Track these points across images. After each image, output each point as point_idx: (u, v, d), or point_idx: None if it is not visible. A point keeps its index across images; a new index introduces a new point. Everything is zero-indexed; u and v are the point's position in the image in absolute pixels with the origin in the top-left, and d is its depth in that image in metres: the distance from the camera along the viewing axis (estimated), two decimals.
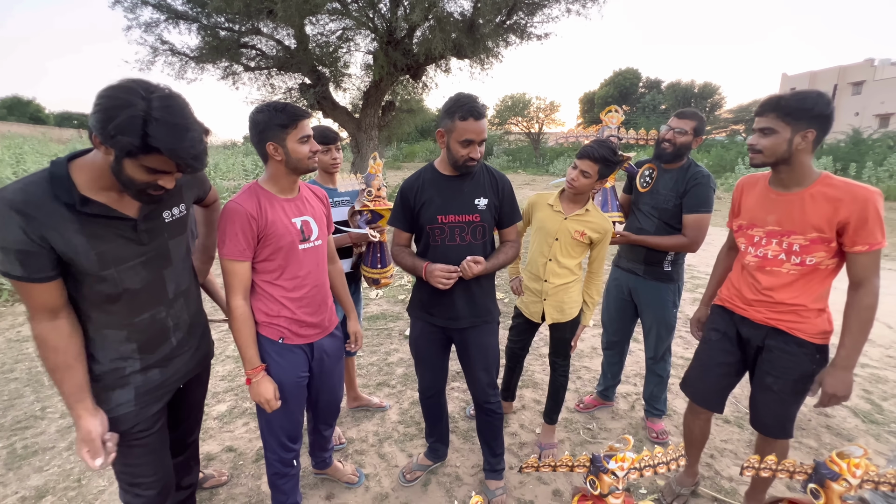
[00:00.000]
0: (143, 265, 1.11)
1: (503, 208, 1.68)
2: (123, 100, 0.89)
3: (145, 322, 1.15)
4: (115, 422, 1.13)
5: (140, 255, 1.10)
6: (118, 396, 1.14)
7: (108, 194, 1.02)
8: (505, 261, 1.67)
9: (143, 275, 1.11)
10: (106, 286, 1.06)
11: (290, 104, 1.32)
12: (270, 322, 1.42)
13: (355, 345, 1.78)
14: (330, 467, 1.95)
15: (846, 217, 1.32)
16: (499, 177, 1.69)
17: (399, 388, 2.81)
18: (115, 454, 1.11)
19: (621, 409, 2.58)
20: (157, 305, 1.17)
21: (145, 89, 0.91)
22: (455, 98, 1.51)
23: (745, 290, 1.58)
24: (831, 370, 1.42)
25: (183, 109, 0.94)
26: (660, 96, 38.54)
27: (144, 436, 1.19)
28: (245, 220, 1.30)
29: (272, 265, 1.39)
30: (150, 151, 0.92)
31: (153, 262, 1.14)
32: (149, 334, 1.16)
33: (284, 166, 1.36)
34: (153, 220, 1.12)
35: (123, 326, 1.12)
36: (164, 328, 1.20)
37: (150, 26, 8.89)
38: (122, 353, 1.13)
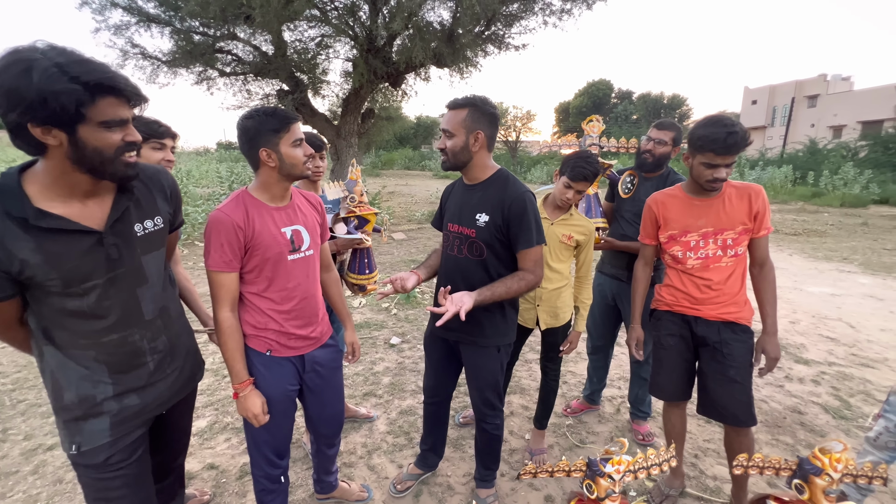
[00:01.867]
0: (111, 283, 1.02)
1: (510, 230, 1.49)
2: (23, 63, 0.79)
3: (114, 343, 1.06)
4: (89, 454, 1.05)
5: (108, 272, 1.01)
6: (91, 427, 1.05)
7: (67, 205, 0.94)
8: (502, 293, 1.45)
9: (112, 294, 1.03)
10: (70, 304, 0.98)
11: (279, 108, 1.29)
12: (258, 334, 1.38)
13: (352, 356, 1.73)
14: (336, 489, 1.87)
15: (757, 208, 1.62)
16: (511, 193, 1.49)
17: (386, 397, 2.78)
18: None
19: (607, 412, 2.62)
20: (130, 328, 1.08)
21: (28, 49, 0.82)
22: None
23: (693, 291, 1.72)
24: (768, 338, 1.67)
25: (80, 52, 0.87)
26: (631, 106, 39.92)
27: (122, 466, 1.10)
28: (231, 231, 1.26)
29: (259, 277, 1.35)
30: (94, 95, 0.84)
31: (124, 280, 1.05)
32: (119, 356, 1.07)
33: (278, 173, 1.32)
34: (122, 233, 1.03)
35: (90, 346, 1.03)
36: (136, 351, 1.10)
37: (120, 29, 8.61)
38: (91, 375, 1.04)
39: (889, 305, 4.56)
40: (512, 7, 8.20)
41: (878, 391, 2.86)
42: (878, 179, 15.32)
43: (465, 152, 1.52)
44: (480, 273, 1.57)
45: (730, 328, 1.68)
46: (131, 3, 8.20)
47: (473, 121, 1.49)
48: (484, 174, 1.59)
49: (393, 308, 4.38)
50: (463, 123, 1.49)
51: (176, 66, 9.43)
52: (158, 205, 1.16)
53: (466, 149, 1.52)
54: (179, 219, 1.27)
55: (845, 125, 28.19)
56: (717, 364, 1.68)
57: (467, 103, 1.49)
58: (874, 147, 18.86)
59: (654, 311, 1.89)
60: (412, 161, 31.30)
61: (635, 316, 1.92)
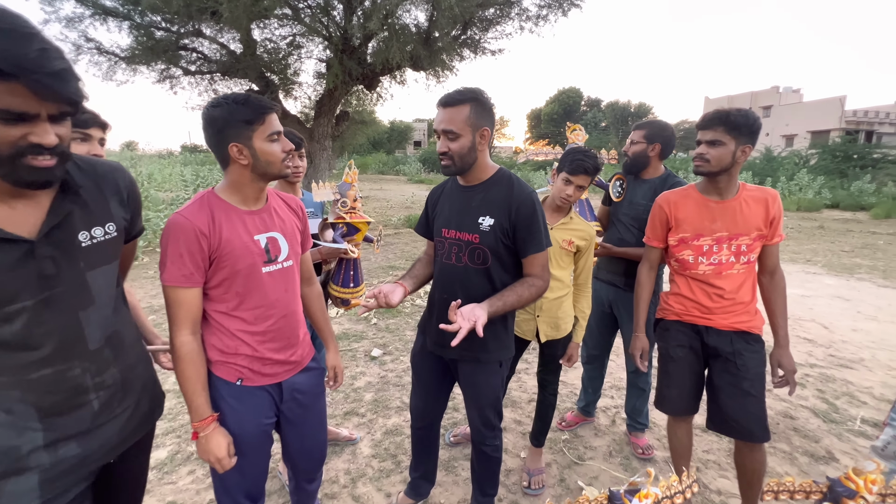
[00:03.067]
0: (45, 306, 0.83)
1: (518, 233, 1.38)
2: None
3: (47, 379, 0.85)
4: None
5: (41, 292, 0.82)
6: (14, 488, 0.83)
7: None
8: (513, 302, 1.34)
9: (46, 319, 0.84)
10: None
11: (252, 95, 1.10)
12: (226, 360, 1.17)
13: (334, 382, 1.53)
14: None
15: (773, 214, 1.54)
16: (518, 194, 1.38)
17: (369, 416, 2.58)
18: None
19: (602, 424, 2.52)
20: (69, 360, 0.88)
21: None
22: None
23: (703, 300, 1.64)
24: (782, 351, 1.59)
25: (14, 16, 0.69)
26: (600, 114, 41.13)
27: None
28: (192, 238, 1.06)
29: (228, 293, 1.15)
30: None
31: (63, 301, 0.86)
32: (54, 395, 0.87)
33: (251, 171, 1.13)
34: (61, 243, 0.85)
35: (14, 384, 0.83)
36: (77, 388, 0.90)
37: (73, 21, 8.03)
38: (15, 421, 0.83)
39: (856, 305, 4.73)
40: (489, 12, 8.19)
41: (860, 392, 2.89)
42: (829, 185, 16.31)
43: (472, 153, 1.38)
44: (483, 283, 1.44)
45: (743, 338, 1.60)
46: None
47: (478, 117, 1.35)
48: (485, 174, 1.45)
49: (373, 317, 4.18)
50: (468, 121, 1.34)
51: (136, 63, 8.89)
52: (112, 209, 0.95)
53: (473, 149, 1.38)
54: (138, 226, 1.06)
55: (796, 134, 29.99)
56: (731, 376, 1.59)
57: (469, 97, 1.34)
58: (823, 155, 20.13)
59: (661, 320, 1.80)
60: (386, 166, 30.98)
61: (639, 324, 1.82)
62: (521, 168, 23.81)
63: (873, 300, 4.91)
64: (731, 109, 1.51)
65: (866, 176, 16.88)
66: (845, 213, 13.31)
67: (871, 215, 12.20)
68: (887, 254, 7.39)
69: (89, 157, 0.98)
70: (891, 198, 13.85)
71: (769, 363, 1.61)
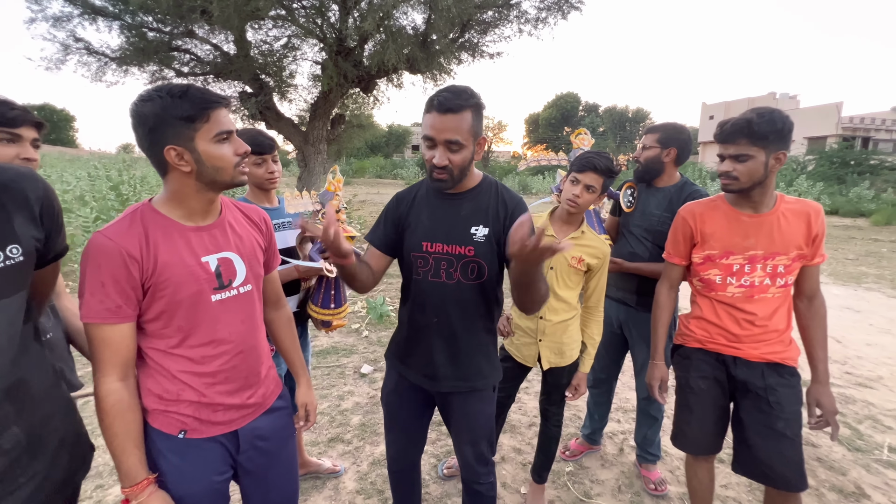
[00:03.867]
0: None
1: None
2: None
3: None
4: None
5: None
6: None
7: None
8: (540, 289, 1.10)
9: None
10: None
11: (193, 86, 0.89)
12: (166, 409, 0.96)
13: (305, 422, 1.31)
14: None
15: (816, 230, 1.36)
16: (510, 201, 1.28)
17: (356, 443, 2.36)
18: None
19: (610, 453, 2.32)
20: None
21: None
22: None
23: (730, 326, 1.45)
24: (821, 388, 1.41)
25: None
26: (598, 119, 41.17)
27: None
28: (118, 264, 0.86)
29: (168, 327, 0.94)
30: None
31: None
32: None
33: (196, 180, 0.93)
34: None
35: None
36: None
37: (60, 20, 7.83)
38: None
39: (867, 317, 4.55)
40: (487, 14, 8.05)
41: (883, 416, 2.70)
42: (828, 191, 16.25)
43: (471, 164, 1.22)
44: (479, 300, 1.29)
45: (775, 371, 1.41)
46: None
47: (477, 123, 1.18)
48: (473, 181, 1.29)
49: (364, 329, 3.97)
50: (471, 130, 1.16)
51: (126, 64, 8.70)
52: (16, 228, 0.76)
53: (472, 160, 1.21)
54: (59, 246, 0.87)
55: (794, 140, 29.72)
56: (762, 414, 1.39)
57: (472, 102, 1.15)
58: (820, 161, 20.13)
59: (680, 347, 1.60)
60: (384, 170, 30.84)
61: (658, 350, 1.62)
62: (520, 174, 23.69)
63: (885, 311, 4.74)
64: (751, 116, 1.32)
65: (865, 182, 16.84)
66: (845, 219, 13.23)
67: (871, 222, 12.11)
68: (892, 262, 7.25)
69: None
70: (890, 204, 13.78)
71: (805, 400, 1.42)
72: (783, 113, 1.34)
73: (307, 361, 1.93)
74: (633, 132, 40.75)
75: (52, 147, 37.55)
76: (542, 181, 21.99)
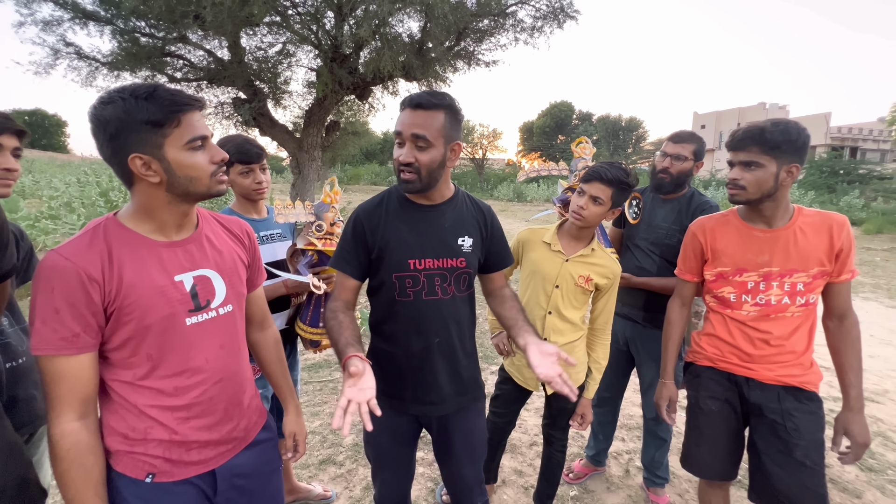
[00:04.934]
0: None
1: (492, 248, 1.30)
2: None
3: None
4: None
5: None
6: None
7: None
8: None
9: None
10: None
11: (161, 86, 0.79)
12: (131, 450, 0.85)
13: (294, 453, 1.20)
14: None
15: (840, 244, 1.28)
16: (485, 209, 1.31)
17: (348, 465, 2.24)
18: None
19: (615, 475, 2.22)
20: None
21: None
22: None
23: (743, 345, 1.37)
24: (852, 416, 1.31)
25: None
26: (592, 128, 41.49)
27: None
28: (75, 286, 0.76)
29: (136, 356, 0.84)
30: None
31: None
32: None
33: (167, 191, 0.84)
34: None
35: None
36: None
37: (50, 25, 7.71)
38: None
39: (867, 328, 4.50)
40: (483, 22, 8.05)
41: (892, 431, 2.63)
42: (819, 200, 16.43)
43: (441, 169, 1.14)
44: (468, 312, 1.30)
45: (793, 395, 1.33)
46: None
47: (452, 127, 1.12)
48: (448, 191, 1.24)
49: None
50: (442, 131, 1.10)
51: (118, 69, 8.57)
52: None
53: (443, 165, 1.14)
54: (4, 265, 0.76)
55: None
56: (779, 441, 1.31)
57: (446, 104, 1.10)
58: (811, 170, 20.39)
59: (691, 364, 1.52)
60: (379, 177, 30.79)
61: (667, 370, 1.54)
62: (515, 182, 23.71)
63: (884, 322, 4.70)
64: (765, 124, 1.26)
65: (854, 191, 17.05)
66: None
67: (862, 231, 12.20)
68: (887, 271, 7.26)
69: None
70: (880, 213, 13.94)
71: (833, 427, 1.33)
72: (800, 125, 1.27)
73: (296, 382, 1.82)
74: (626, 141, 41.11)
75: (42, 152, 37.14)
76: (537, 189, 22.01)
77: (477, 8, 7.51)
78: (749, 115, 34.44)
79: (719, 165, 33.16)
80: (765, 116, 34.16)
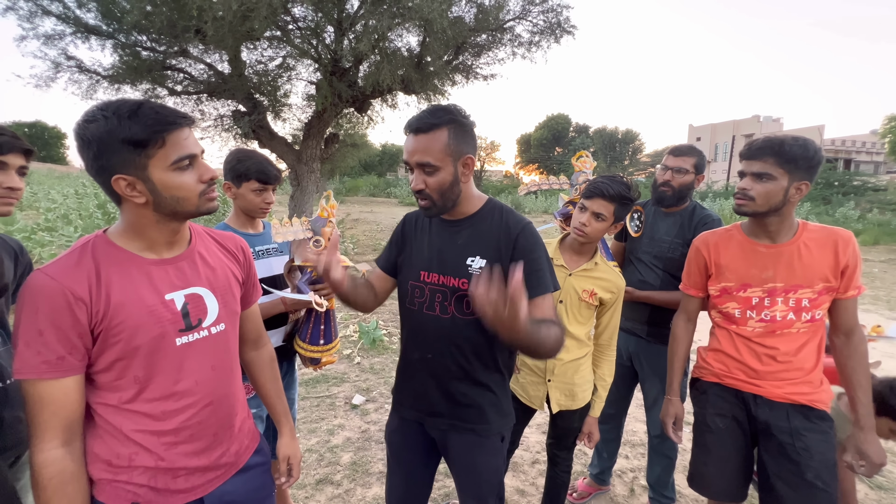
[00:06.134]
0: None
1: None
2: None
3: None
4: None
5: None
6: None
7: None
8: (545, 339, 0.96)
9: None
10: None
11: (147, 103, 0.76)
12: (115, 478, 0.81)
13: (288, 477, 1.16)
14: None
15: (846, 261, 1.26)
16: (515, 226, 1.14)
17: (346, 485, 2.18)
18: None
19: (619, 494, 2.16)
20: None
21: None
22: None
23: (750, 361, 1.34)
24: (864, 435, 1.28)
25: None
26: (588, 140, 41.93)
27: None
28: (62, 307, 0.73)
29: (123, 378, 0.81)
30: None
31: None
32: None
33: (153, 211, 0.81)
34: None
35: None
36: None
37: (52, 39, 7.77)
38: None
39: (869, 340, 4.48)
40: (481, 37, 8.17)
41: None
42: (815, 212, 16.53)
43: (456, 188, 1.11)
44: (476, 337, 1.16)
45: (802, 413, 1.30)
46: (66, 11, 7.44)
47: (459, 142, 1.07)
48: (472, 206, 1.18)
49: (356, 355, 3.79)
50: (447, 150, 1.06)
51: (118, 82, 8.63)
52: None
53: (457, 182, 1.10)
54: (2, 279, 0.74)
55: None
56: (789, 462, 1.27)
57: (447, 119, 1.06)
58: None
59: (696, 380, 1.49)
60: (377, 188, 30.88)
61: (673, 386, 1.51)
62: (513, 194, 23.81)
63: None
64: (784, 137, 1.25)
65: (850, 202, 17.18)
66: None
67: (859, 242, 12.27)
68: (885, 282, 7.26)
69: None
70: (876, 224, 14.02)
71: (846, 447, 1.30)
72: (817, 145, 1.27)
73: (293, 401, 1.77)
74: (623, 153, 41.49)
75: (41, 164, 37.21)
76: (535, 200, 22.09)
77: (475, 23, 7.62)
78: (744, 127, 34.87)
79: (715, 177, 33.44)
80: (759, 129, 34.64)
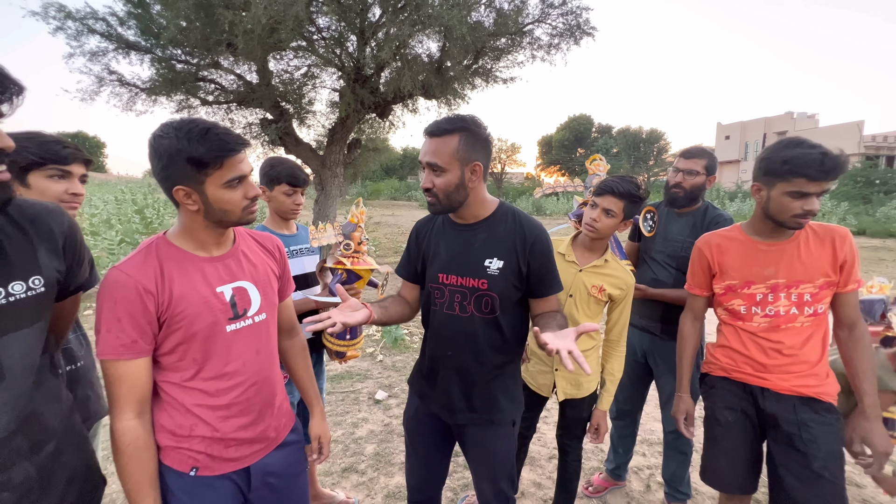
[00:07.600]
0: None
1: (534, 274, 1.22)
2: None
3: None
4: None
5: None
6: None
7: None
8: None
9: None
10: None
11: (215, 129, 0.88)
12: (178, 445, 0.95)
13: (319, 455, 1.28)
14: None
15: (844, 256, 1.30)
16: (530, 231, 1.23)
17: (370, 473, 2.30)
18: None
19: (636, 489, 2.20)
20: None
21: None
22: None
23: (757, 355, 1.38)
24: (868, 425, 1.30)
25: None
26: (611, 141, 41.19)
27: None
28: (135, 299, 0.87)
29: (184, 360, 0.94)
30: None
31: None
32: None
33: (203, 217, 0.95)
34: None
35: None
36: None
37: (97, 55, 8.31)
38: None
39: None
40: (500, 41, 8.24)
41: None
42: (854, 211, 15.79)
43: (461, 191, 1.19)
44: (493, 335, 1.26)
45: (809, 406, 1.33)
46: (109, 29, 7.95)
47: (468, 149, 1.16)
48: (484, 211, 1.27)
49: (378, 353, 3.93)
50: (455, 154, 1.15)
51: (155, 94, 9.13)
52: (40, 259, 0.79)
53: (463, 186, 1.19)
54: (81, 278, 0.89)
55: None
56: (797, 454, 1.31)
57: (459, 127, 1.15)
58: (844, 180, 19.64)
59: (706, 375, 1.53)
60: (398, 192, 31.32)
61: (683, 383, 1.55)
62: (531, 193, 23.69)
63: None
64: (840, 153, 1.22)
65: (893, 201, 16.33)
66: (874, 240, 12.78)
67: None
68: None
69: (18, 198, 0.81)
70: None
71: (849, 436, 1.33)
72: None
73: (322, 390, 1.90)
74: (647, 153, 40.53)
75: None
76: (557, 202, 21.93)
77: (494, 28, 7.71)
78: (776, 124, 33.59)
79: (745, 177, 32.29)
80: (792, 126, 33.25)
